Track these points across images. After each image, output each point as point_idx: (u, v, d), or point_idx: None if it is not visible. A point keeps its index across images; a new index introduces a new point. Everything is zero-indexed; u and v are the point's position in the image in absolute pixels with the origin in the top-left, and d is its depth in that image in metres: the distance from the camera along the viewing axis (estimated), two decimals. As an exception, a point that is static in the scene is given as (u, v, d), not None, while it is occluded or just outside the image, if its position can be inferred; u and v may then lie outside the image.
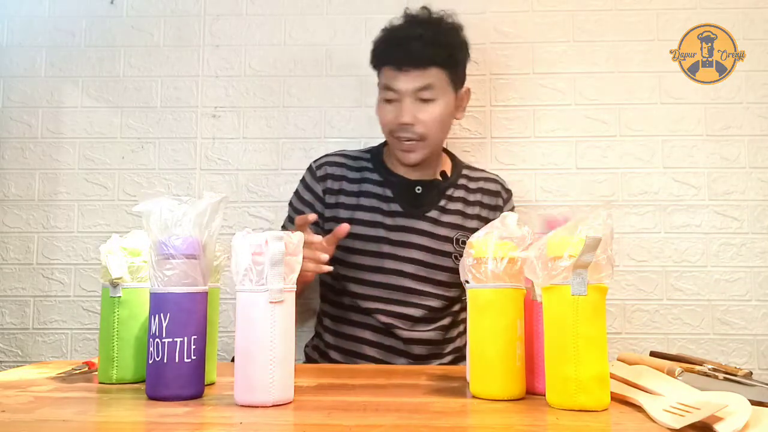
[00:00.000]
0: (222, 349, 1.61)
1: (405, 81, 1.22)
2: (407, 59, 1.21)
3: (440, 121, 1.25)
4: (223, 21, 1.67)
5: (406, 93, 1.23)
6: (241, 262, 0.71)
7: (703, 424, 0.60)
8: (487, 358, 0.75)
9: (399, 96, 1.23)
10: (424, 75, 1.22)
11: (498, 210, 1.35)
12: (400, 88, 1.23)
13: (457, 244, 1.30)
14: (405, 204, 1.31)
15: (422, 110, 1.23)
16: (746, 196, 1.58)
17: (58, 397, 0.75)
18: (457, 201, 1.33)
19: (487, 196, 1.36)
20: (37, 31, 1.68)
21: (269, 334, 0.70)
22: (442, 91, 1.25)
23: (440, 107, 1.25)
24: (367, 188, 1.33)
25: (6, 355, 1.61)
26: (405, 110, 1.22)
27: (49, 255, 1.63)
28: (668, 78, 1.62)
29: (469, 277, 0.78)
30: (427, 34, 1.23)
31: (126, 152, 1.65)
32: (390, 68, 1.24)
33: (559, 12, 1.65)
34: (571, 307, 0.68)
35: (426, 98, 1.23)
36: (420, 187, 1.32)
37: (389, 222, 1.29)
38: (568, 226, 0.72)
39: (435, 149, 1.30)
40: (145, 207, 0.74)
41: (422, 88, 1.22)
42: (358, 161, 1.36)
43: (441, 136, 1.29)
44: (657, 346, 1.54)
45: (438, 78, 1.23)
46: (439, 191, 1.33)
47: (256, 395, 0.69)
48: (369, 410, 0.70)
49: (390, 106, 1.25)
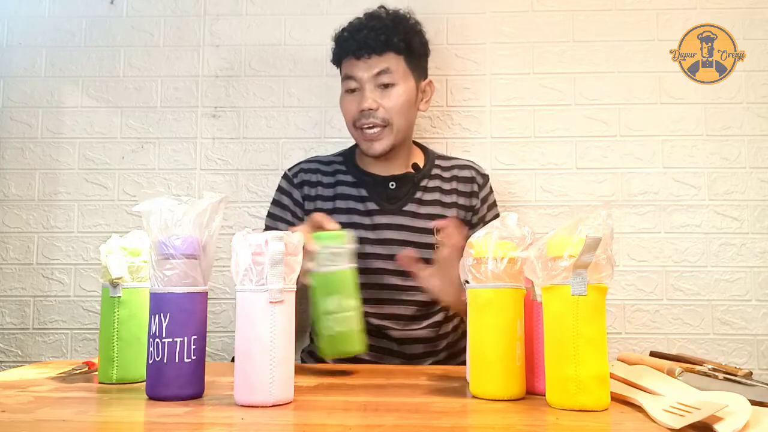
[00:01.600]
0: (222, 349, 1.61)
1: (363, 68, 1.25)
2: (364, 46, 1.25)
3: (402, 107, 1.27)
4: (223, 21, 1.67)
5: (366, 79, 1.25)
6: (241, 262, 0.71)
7: (703, 424, 0.60)
8: (487, 358, 0.75)
9: (359, 84, 1.26)
10: (382, 60, 1.25)
11: (474, 196, 1.34)
12: (360, 75, 1.25)
13: (438, 233, 1.30)
14: (381, 201, 1.31)
15: (383, 96, 1.25)
16: (746, 196, 1.58)
17: (58, 397, 0.75)
18: (434, 191, 1.33)
19: (462, 184, 1.35)
20: (37, 31, 1.68)
21: (269, 334, 0.70)
22: (402, 77, 1.27)
23: (401, 93, 1.26)
24: (341, 190, 1.32)
25: (6, 355, 1.61)
26: (366, 96, 1.24)
27: (49, 255, 1.63)
28: (668, 78, 1.62)
29: (469, 277, 0.78)
30: (380, 24, 1.27)
31: (126, 152, 1.65)
32: (349, 59, 1.28)
33: (559, 12, 1.65)
34: (571, 307, 0.68)
35: (386, 83, 1.25)
36: (393, 182, 1.32)
37: (367, 221, 1.29)
38: (568, 226, 0.72)
39: (400, 138, 1.29)
40: (145, 207, 0.74)
41: (381, 72, 1.25)
42: (332, 165, 1.36)
43: (404, 124, 1.29)
44: (657, 346, 1.54)
45: (396, 63, 1.26)
46: (413, 184, 1.32)
47: (257, 395, 0.69)
48: (369, 410, 0.70)
49: (351, 96, 1.28)
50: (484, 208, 1.35)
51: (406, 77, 1.28)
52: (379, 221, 1.29)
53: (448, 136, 1.62)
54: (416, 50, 1.30)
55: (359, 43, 1.25)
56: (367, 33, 1.26)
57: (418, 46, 1.31)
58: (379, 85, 1.25)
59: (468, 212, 1.34)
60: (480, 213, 1.35)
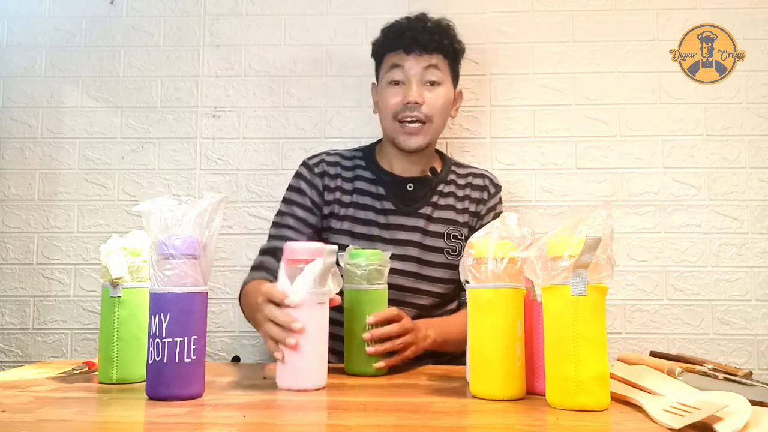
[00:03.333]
0: (222, 349, 1.61)
1: (413, 62, 1.27)
2: (415, 43, 1.26)
3: (443, 107, 1.29)
4: (223, 21, 1.67)
5: (414, 74, 1.26)
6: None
7: (703, 424, 0.60)
8: (487, 358, 0.75)
9: (406, 77, 1.27)
10: (431, 57, 1.27)
11: (482, 203, 1.36)
12: (409, 66, 1.26)
13: (448, 239, 1.31)
14: (397, 201, 1.31)
15: (429, 91, 1.27)
16: (746, 196, 1.58)
17: (58, 397, 0.75)
18: (448, 196, 1.34)
19: (475, 191, 1.36)
20: (37, 31, 1.68)
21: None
22: (446, 79, 1.29)
23: (444, 93, 1.29)
24: (360, 186, 1.33)
25: (6, 355, 1.61)
26: (414, 89, 1.25)
27: (49, 255, 1.63)
28: (668, 78, 1.62)
29: (469, 277, 0.78)
30: (432, 25, 1.29)
31: (126, 152, 1.65)
32: (397, 53, 1.28)
33: (559, 12, 1.65)
34: (571, 307, 0.68)
35: (432, 80, 1.27)
36: (411, 184, 1.32)
37: (382, 220, 1.30)
38: (568, 226, 0.72)
39: (434, 138, 1.32)
40: (145, 207, 0.74)
41: (429, 66, 1.27)
42: (352, 160, 1.37)
43: (441, 125, 1.31)
44: (657, 346, 1.54)
45: (443, 64, 1.29)
46: (430, 188, 1.33)
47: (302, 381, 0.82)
48: (369, 410, 0.71)
49: (397, 88, 1.28)
50: (489, 216, 1.36)
51: (447, 80, 1.30)
52: (394, 221, 1.30)
53: (448, 136, 1.62)
54: (458, 57, 1.34)
55: (413, 39, 1.26)
56: (421, 30, 1.27)
57: (460, 53, 1.35)
58: (426, 82, 1.27)
59: (473, 218, 1.36)
60: (484, 220, 1.36)
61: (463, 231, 1.32)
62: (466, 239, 1.31)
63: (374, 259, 0.99)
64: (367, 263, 0.98)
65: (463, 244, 1.31)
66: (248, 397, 0.77)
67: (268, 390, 0.83)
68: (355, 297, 0.99)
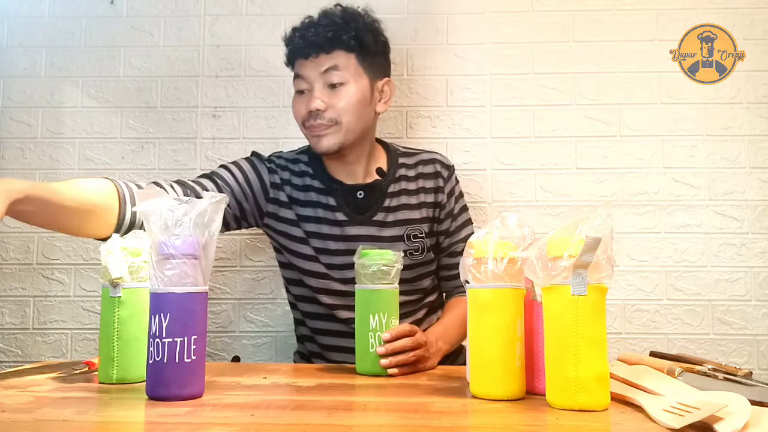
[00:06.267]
0: (222, 349, 1.61)
1: (311, 66, 1.22)
2: (311, 44, 1.21)
3: (354, 106, 1.22)
4: (223, 21, 1.67)
5: (314, 78, 1.21)
6: None
7: (703, 424, 0.60)
8: (487, 358, 0.75)
9: (309, 84, 1.22)
10: (330, 58, 1.21)
11: (440, 191, 1.31)
12: (308, 74, 1.22)
13: (408, 240, 1.27)
14: (349, 211, 1.27)
15: (332, 95, 1.21)
16: (746, 196, 1.58)
17: (58, 397, 0.75)
18: (400, 195, 1.29)
19: (427, 180, 1.32)
20: (37, 31, 1.68)
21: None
22: (353, 76, 1.22)
23: (352, 92, 1.22)
24: (312, 197, 1.28)
25: (6, 355, 1.61)
26: (314, 96, 1.20)
27: (49, 255, 1.63)
28: (668, 78, 1.62)
29: (469, 277, 0.78)
30: (329, 21, 1.23)
31: (126, 152, 1.65)
32: (299, 59, 1.24)
33: (559, 12, 1.65)
34: (571, 307, 0.68)
35: (335, 82, 1.21)
36: (362, 191, 1.28)
37: (337, 232, 1.26)
38: (568, 226, 0.72)
39: (351, 138, 1.24)
40: (145, 207, 0.74)
41: (328, 69, 1.21)
42: (298, 164, 1.31)
43: (357, 124, 1.23)
44: (657, 346, 1.54)
45: (345, 61, 1.22)
46: (381, 192, 1.28)
47: None
48: (369, 410, 0.71)
49: (301, 98, 1.24)
50: (451, 201, 1.32)
51: (357, 76, 1.23)
52: (349, 232, 1.26)
53: (448, 136, 1.62)
54: (370, 48, 1.25)
55: (306, 42, 1.21)
56: (315, 31, 1.21)
57: (372, 43, 1.26)
58: (328, 84, 1.21)
59: (435, 209, 1.31)
60: (447, 208, 1.32)
61: (422, 228, 1.28)
62: (427, 235, 1.28)
63: (378, 260, 0.98)
64: (371, 263, 0.97)
65: (425, 241, 1.28)
66: (248, 397, 0.77)
67: (268, 390, 0.83)
68: (362, 297, 0.99)
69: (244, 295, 1.62)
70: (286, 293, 1.37)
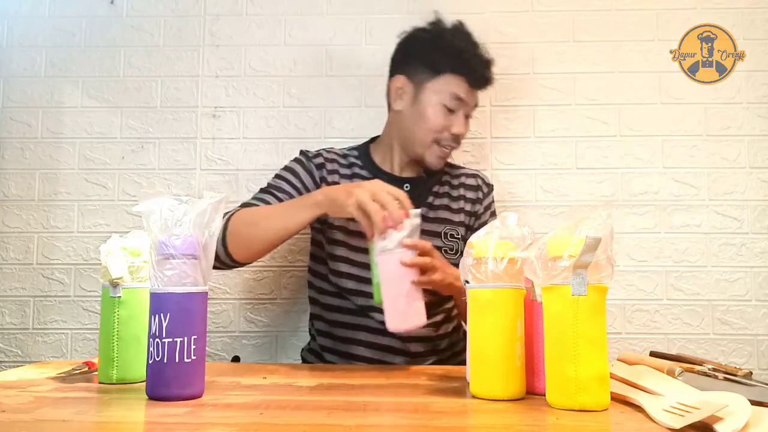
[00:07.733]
0: (222, 349, 1.61)
1: (472, 97, 1.31)
2: (483, 81, 1.32)
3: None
4: (223, 21, 1.67)
5: (469, 108, 1.32)
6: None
7: (703, 424, 0.60)
8: (487, 358, 0.75)
9: (463, 109, 1.30)
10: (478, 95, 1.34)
11: (479, 203, 1.38)
12: (469, 101, 1.30)
13: (445, 238, 1.32)
14: None
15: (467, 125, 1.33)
16: (746, 196, 1.58)
17: (58, 397, 0.75)
18: (443, 196, 1.36)
19: (469, 191, 1.39)
20: (37, 31, 1.68)
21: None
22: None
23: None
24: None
25: (6, 355, 1.61)
26: (464, 123, 1.31)
27: (49, 255, 1.63)
28: (668, 78, 1.62)
29: (469, 277, 0.78)
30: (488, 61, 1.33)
31: (126, 152, 1.65)
32: (460, 80, 1.29)
33: (559, 12, 1.65)
34: (571, 307, 0.68)
35: (470, 116, 1.33)
36: (408, 184, 1.33)
37: None
38: (568, 226, 0.72)
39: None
40: (145, 207, 0.74)
41: (476, 105, 1.34)
42: (347, 158, 1.37)
43: None
44: (657, 346, 1.54)
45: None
46: (426, 188, 1.35)
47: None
48: (369, 410, 0.71)
49: (450, 116, 1.29)
50: (486, 214, 1.39)
51: None
52: None
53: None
54: None
55: (485, 78, 1.32)
56: (486, 68, 1.32)
57: None
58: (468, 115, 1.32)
59: (471, 217, 1.37)
60: (482, 219, 1.38)
61: (459, 230, 1.33)
62: (462, 238, 1.33)
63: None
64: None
65: (460, 243, 1.33)
66: (248, 397, 0.77)
67: (268, 390, 0.83)
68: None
69: (244, 295, 1.62)
70: (308, 289, 1.38)
